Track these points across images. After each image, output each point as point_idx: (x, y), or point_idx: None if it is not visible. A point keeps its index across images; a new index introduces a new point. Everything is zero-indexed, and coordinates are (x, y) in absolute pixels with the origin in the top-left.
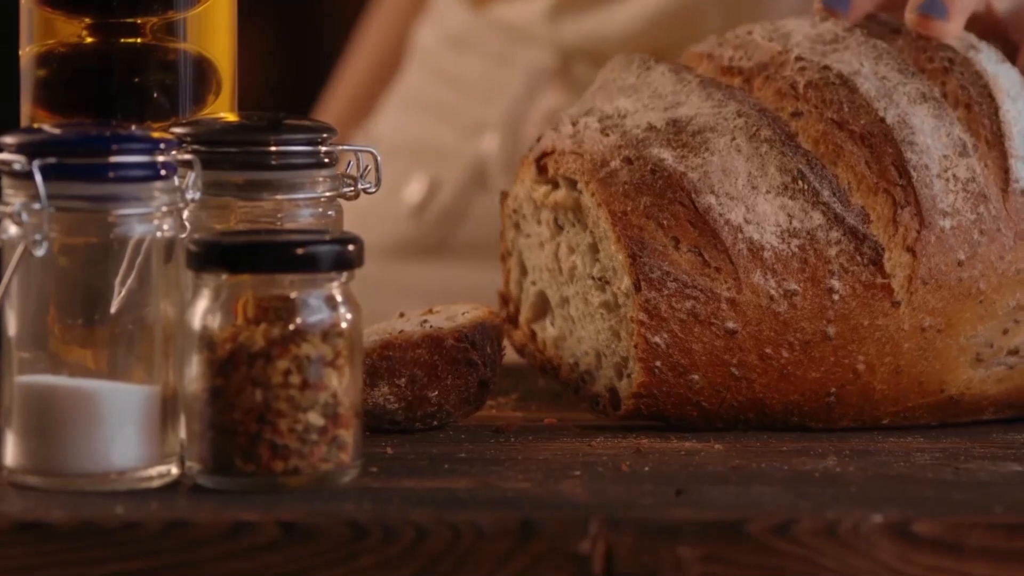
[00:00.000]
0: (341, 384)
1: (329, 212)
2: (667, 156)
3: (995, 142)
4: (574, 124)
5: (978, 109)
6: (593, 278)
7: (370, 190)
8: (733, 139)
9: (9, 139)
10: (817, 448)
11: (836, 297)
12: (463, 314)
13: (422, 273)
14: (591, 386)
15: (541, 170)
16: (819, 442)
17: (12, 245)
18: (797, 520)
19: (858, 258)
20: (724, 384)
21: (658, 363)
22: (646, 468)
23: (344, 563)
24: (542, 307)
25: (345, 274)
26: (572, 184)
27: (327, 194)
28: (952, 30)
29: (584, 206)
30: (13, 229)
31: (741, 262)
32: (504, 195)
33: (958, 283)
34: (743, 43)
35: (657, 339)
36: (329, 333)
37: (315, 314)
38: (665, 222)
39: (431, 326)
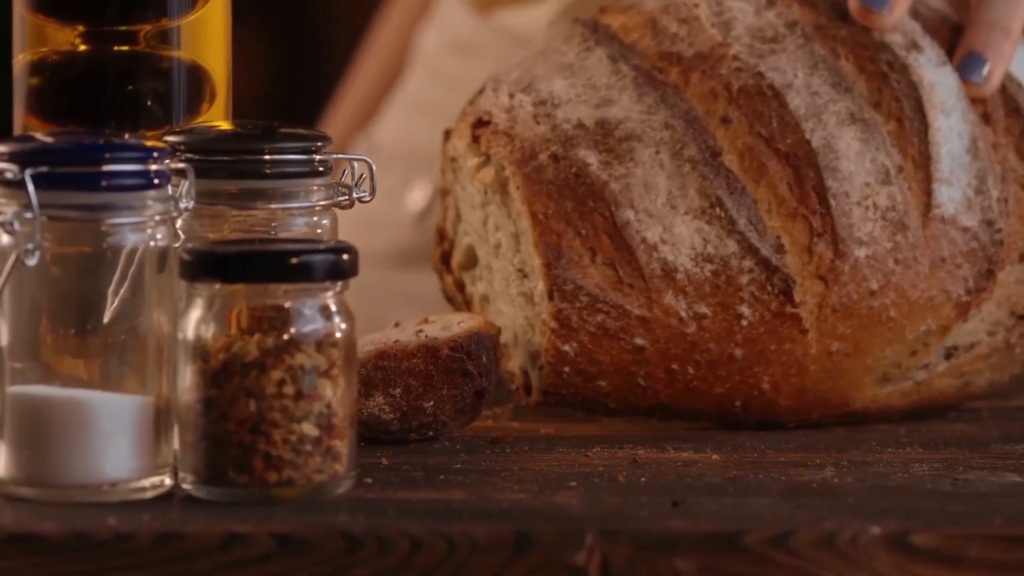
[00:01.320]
0: (335, 394)
1: (324, 221)
2: (593, 160)
3: (921, 163)
4: (511, 97)
5: (909, 125)
6: (514, 267)
7: (365, 199)
8: (658, 152)
9: (1, 148)
10: (815, 459)
11: (744, 322)
12: (459, 323)
13: (424, 281)
14: (506, 361)
15: (475, 139)
16: (817, 453)
17: (4, 254)
18: (795, 531)
19: (769, 288)
20: (631, 391)
21: (566, 368)
22: (642, 479)
23: (338, 575)
24: (473, 258)
25: (339, 283)
26: (502, 167)
27: (322, 203)
28: (891, 24)
29: (511, 194)
30: (5, 238)
31: (654, 282)
32: (447, 133)
33: (868, 311)
34: (688, 18)
35: (566, 347)
36: (323, 343)
37: (309, 324)
38: (584, 231)
39: (426, 336)
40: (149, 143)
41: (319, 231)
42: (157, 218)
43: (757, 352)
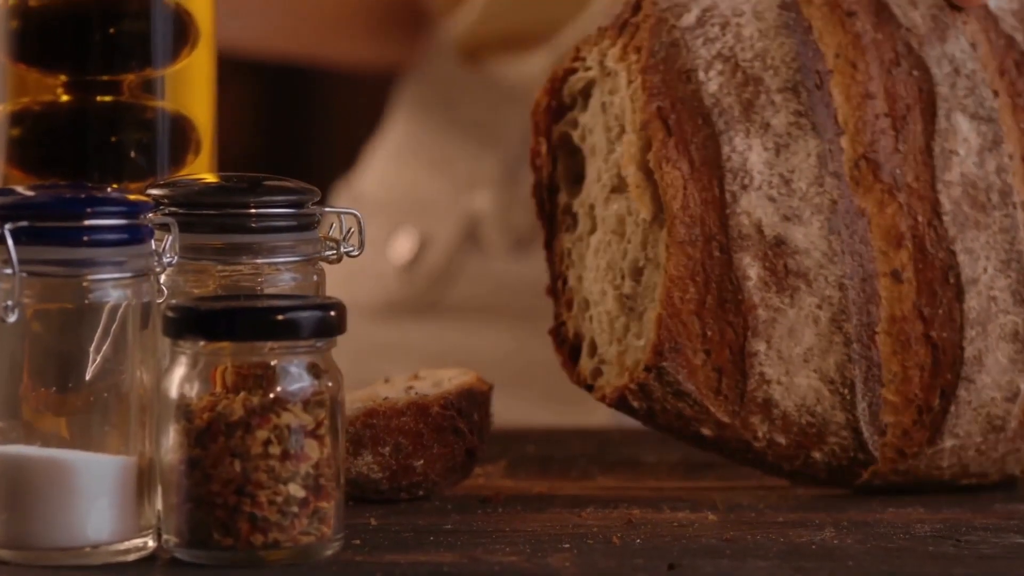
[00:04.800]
0: (323, 454)
1: (311, 276)
2: (753, 275)
3: None
4: (704, 116)
5: None
6: (621, 291)
7: (353, 253)
8: (819, 307)
9: None
10: (814, 519)
11: (811, 460)
12: (449, 380)
13: (412, 334)
14: (570, 326)
15: (647, 124)
16: (816, 512)
17: None
18: None
19: (850, 454)
20: (678, 438)
21: (625, 411)
22: (637, 540)
23: None
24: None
25: (327, 341)
26: (662, 211)
27: (309, 258)
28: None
29: (659, 236)
30: None
31: (750, 405)
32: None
33: (927, 476)
34: (911, 104)
35: (636, 404)
36: (310, 402)
37: (296, 382)
38: (710, 333)
39: (416, 393)
40: (132, 197)
41: (307, 286)
42: (140, 274)
43: (809, 474)
